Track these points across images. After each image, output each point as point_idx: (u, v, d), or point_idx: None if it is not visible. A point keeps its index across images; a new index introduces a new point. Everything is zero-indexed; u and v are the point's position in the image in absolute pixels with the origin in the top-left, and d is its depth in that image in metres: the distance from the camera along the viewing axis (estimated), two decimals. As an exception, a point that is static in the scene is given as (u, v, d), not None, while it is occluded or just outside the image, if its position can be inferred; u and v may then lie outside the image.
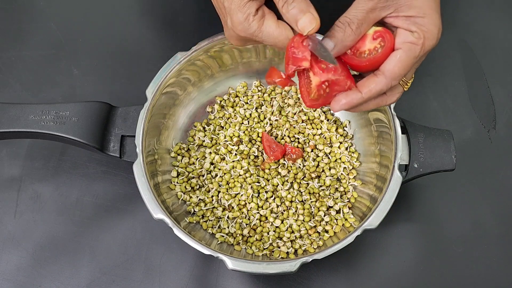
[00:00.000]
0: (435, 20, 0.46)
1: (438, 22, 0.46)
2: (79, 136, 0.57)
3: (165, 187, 0.61)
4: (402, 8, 0.46)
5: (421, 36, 0.45)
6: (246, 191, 0.62)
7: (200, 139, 0.66)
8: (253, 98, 0.68)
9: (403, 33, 0.46)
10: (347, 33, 0.45)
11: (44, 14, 0.77)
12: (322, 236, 0.60)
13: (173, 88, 0.63)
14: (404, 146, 0.57)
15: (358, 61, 0.46)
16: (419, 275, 0.62)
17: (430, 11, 0.46)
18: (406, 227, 0.64)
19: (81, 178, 0.66)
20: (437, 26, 0.46)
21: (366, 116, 0.64)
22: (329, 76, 0.46)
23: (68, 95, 0.72)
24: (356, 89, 0.46)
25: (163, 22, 0.76)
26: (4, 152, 0.68)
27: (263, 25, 0.47)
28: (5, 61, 0.74)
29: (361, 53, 0.46)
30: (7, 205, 0.65)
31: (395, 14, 0.46)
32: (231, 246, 0.59)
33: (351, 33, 0.45)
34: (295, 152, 0.64)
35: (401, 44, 0.45)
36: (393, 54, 0.45)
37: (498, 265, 0.63)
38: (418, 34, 0.45)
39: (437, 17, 0.46)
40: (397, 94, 0.49)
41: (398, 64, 0.45)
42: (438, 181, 0.66)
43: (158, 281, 0.62)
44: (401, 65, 0.45)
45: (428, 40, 0.46)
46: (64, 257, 0.63)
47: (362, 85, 0.46)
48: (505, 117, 0.70)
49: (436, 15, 0.46)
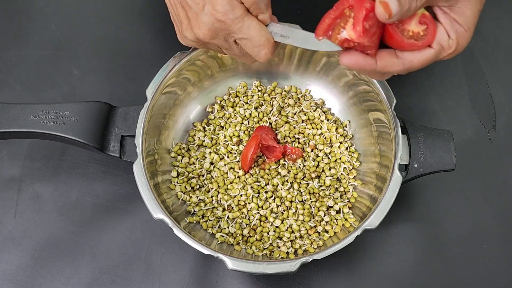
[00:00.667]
0: (470, 37, 0.46)
1: (469, 40, 0.46)
2: (79, 136, 0.57)
3: (165, 187, 0.61)
4: (456, 10, 0.45)
5: (453, 47, 0.45)
6: (246, 191, 0.62)
7: (200, 139, 0.66)
8: (253, 98, 0.68)
9: (442, 32, 0.45)
10: (412, 6, 0.42)
11: (44, 14, 0.77)
12: (322, 236, 0.60)
13: (173, 88, 0.63)
14: (404, 146, 0.57)
15: (401, 38, 0.44)
16: (419, 275, 0.62)
17: (472, 28, 0.45)
18: (406, 227, 0.64)
19: (81, 178, 0.66)
20: (467, 44, 0.46)
21: (366, 116, 0.64)
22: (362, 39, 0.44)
23: (68, 95, 0.72)
24: (374, 57, 0.44)
25: (163, 22, 0.76)
26: (4, 152, 0.68)
27: (246, 15, 0.45)
28: (5, 61, 0.74)
29: (404, 30, 0.44)
30: (7, 205, 0.65)
31: (447, 11, 0.45)
32: (231, 246, 0.59)
33: (413, 9, 0.42)
34: (295, 152, 0.64)
35: (436, 43, 0.45)
36: (424, 51, 0.45)
37: (498, 265, 0.63)
38: (452, 43, 0.45)
39: (471, 35, 0.46)
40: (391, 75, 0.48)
41: (422, 61, 0.45)
42: (438, 181, 0.66)
43: (158, 281, 0.62)
44: (423, 63, 0.45)
45: (455, 52, 0.46)
46: (64, 257, 0.63)
47: (381, 58, 0.44)
48: (505, 117, 0.70)
49: (472, 34, 0.46)
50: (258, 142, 0.62)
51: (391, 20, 0.42)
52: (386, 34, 0.45)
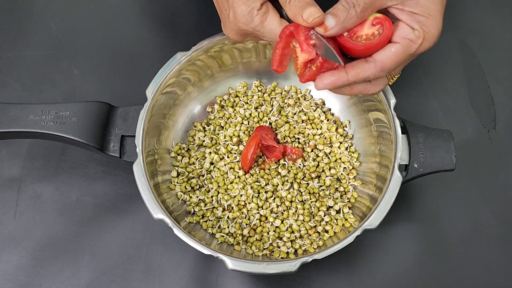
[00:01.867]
0: (438, 23, 0.46)
1: (440, 25, 0.46)
2: (79, 136, 0.57)
3: (165, 187, 0.61)
4: (409, 2, 0.45)
5: (421, 36, 0.45)
6: (246, 191, 0.62)
7: (200, 139, 0.66)
8: (253, 98, 0.68)
9: (404, 27, 0.45)
10: (351, 14, 0.44)
11: (44, 14, 0.77)
12: (322, 236, 0.60)
13: (173, 88, 0.63)
14: (404, 146, 0.57)
15: (354, 44, 0.45)
16: (419, 275, 0.62)
17: (435, 13, 0.45)
18: (406, 227, 0.64)
19: (81, 178, 0.67)
20: (439, 30, 0.46)
21: (366, 116, 0.64)
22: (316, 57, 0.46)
23: (68, 95, 0.72)
24: (343, 70, 0.45)
25: (163, 22, 0.76)
26: (4, 152, 0.68)
27: (266, 20, 0.47)
28: (5, 61, 0.74)
29: (357, 37, 0.45)
30: (7, 205, 0.65)
31: (401, 7, 0.45)
32: (231, 246, 0.59)
33: (354, 16, 0.44)
34: (295, 152, 0.64)
35: (400, 38, 0.45)
36: (389, 46, 0.45)
37: (498, 265, 0.63)
38: (418, 33, 0.45)
39: (440, 20, 0.46)
40: (381, 85, 0.48)
41: (392, 57, 0.45)
42: (438, 181, 0.66)
43: (158, 281, 0.62)
44: (394, 59, 0.45)
45: (426, 41, 0.46)
46: (64, 257, 0.63)
47: (350, 68, 0.45)
48: (505, 117, 0.70)
49: (440, 18, 0.46)
50: (258, 142, 0.62)
51: (330, 32, 0.44)
52: (343, 47, 0.46)
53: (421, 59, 0.73)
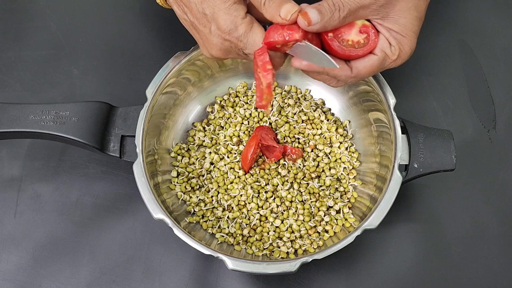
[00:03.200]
0: (412, 43, 0.48)
1: (414, 45, 0.49)
2: (79, 136, 0.57)
3: (165, 187, 0.61)
4: (389, 20, 0.47)
5: (396, 53, 0.48)
6: (246, 191, 0.62)
7: (200, 139, 0.66)
8: (253, 98, 0.68)
9: (383, 40, 0.48)
10: (334, 17, 0.45)
11: (44, 14, 0.77)
12: (322, 236, 0.60)
13: (173, 88, 0.63)
14: (404, 146, 0.57)
15: (340, 48, 0.47)
16: (419, 275, 0.62)
17: (411, 34, 0.48)
18: (406, 227, 0.64)
19: (81, 178, 0.66)
20: (412, 49, 0.49)
21: (366, 116, 0.64)
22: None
23: (68, 95, 0.72)
24: None
25: (163, 22, 0.76)
26: (4, 152, 0.68)
27: (250, 31, 0.47)
28: (5, 61, 0.74)
29: (343, 40, 0.47)
30: (7, 205, 0.65)
31: (381, 22, 0.48)
32: (231, 246, 0.59)
33: (337, 19, 0.45)
34: (295, 152, 0.64)
35: (379, 50, 0.48)
36: (368, 58, 0.47)
37: (498, 265, 0.63)
38: (395, 50, 0.48)
39: (415, 41, 0.49)
40: (343, 83, 0.50)
41: (368, 68, 0.48)
42: (438, 181, 0.66)
43: (158, 281, 0.62)
44: (369, 69, 0.48)
45: (399, 59, 0.49)
46: (64, 257, 0.63)
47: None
48: (505, 117, 0.70)
49: (414, 39, 0.49)
50: (258, 142, 0.62)
51: (312, 28, 0.45)
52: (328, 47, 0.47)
53: (421, 59, 0.73)
